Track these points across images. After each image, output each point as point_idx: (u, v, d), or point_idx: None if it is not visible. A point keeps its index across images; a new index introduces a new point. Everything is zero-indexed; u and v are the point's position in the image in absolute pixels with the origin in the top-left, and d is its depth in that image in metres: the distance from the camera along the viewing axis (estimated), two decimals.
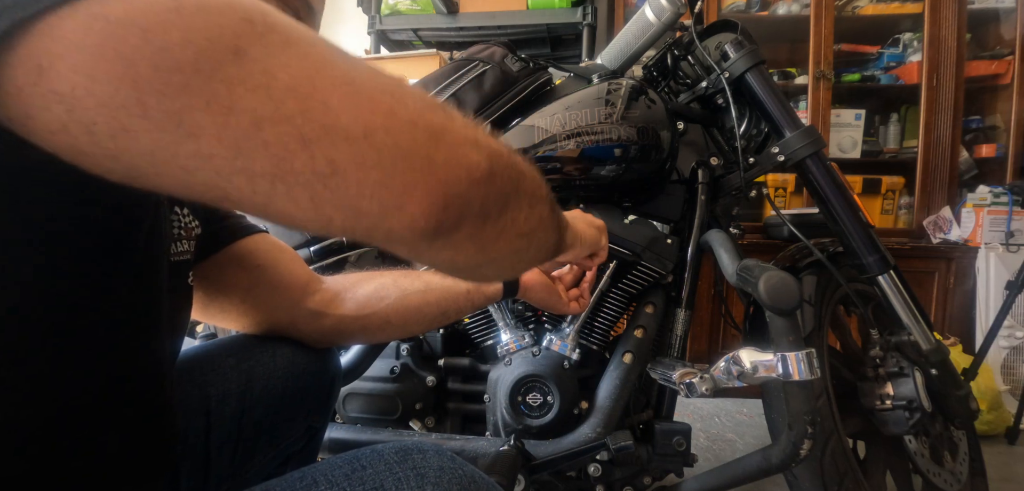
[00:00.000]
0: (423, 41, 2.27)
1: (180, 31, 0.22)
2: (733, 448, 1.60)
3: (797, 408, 0.80)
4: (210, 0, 0.24)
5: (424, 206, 0.28)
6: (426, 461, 0.40)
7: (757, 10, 2.11)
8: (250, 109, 0.24)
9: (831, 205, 0.97)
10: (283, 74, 0.24)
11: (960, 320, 1.91)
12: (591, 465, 0.93)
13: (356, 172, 0.26)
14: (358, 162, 0.26)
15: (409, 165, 0.27)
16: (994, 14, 2.06)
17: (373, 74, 0.28)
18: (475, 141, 0.30)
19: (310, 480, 0.39)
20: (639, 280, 0.99)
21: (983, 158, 2.07)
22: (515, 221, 0.35)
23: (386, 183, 0.27)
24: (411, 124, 0.27)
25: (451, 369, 1.05)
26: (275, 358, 0.63)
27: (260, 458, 0.62)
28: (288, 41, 0.25)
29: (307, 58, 0.26)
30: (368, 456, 0.40)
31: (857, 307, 1.05)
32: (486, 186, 0.31)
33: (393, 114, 0.27)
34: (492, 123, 0.96)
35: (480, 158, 0.30)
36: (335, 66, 0.26)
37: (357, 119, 0.26)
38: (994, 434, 1.66)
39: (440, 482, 0.38)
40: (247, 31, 0.24)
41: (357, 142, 0.26)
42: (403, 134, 0.27)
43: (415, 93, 0.29)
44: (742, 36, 1.00)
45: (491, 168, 0.31)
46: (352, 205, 0.26)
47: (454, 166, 0.29)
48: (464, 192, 0.29)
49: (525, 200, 0.36)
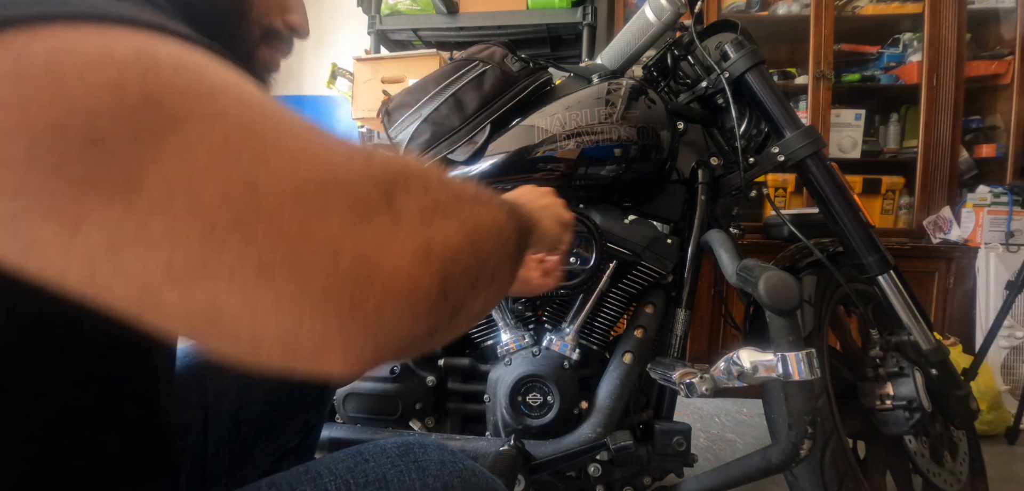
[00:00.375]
0: (423, 41, 2.27)
1: (14, 112, 0.17)
2: (733, 448, 1.60)
3: (797, 408, 0.80)
4: (64, 60, 0.17)
5: (346, 362, 0.21)
6: (427, 455, 0.41)
7: (757, 10, 2.11)
8: (103, 224, 0.17)
9: (831, 205, 0.97)
10: (153, 176, 0.18)
11: (960, 320, 1.91)
12: (591, 465, 0.93)
13: (248, 320, 0.19)
14: (249, 308, 0.19)
15: (322, 317, 0.20)
16: (994, 14, 2.06)
17: (293, 160, 0.20)
18: (426, 249, 0.23)
19: (314, 474, 0.40)
20: (639, 280, 0.99)
21: (983, 158, 2.07)
22: (477, 305, 0.28)
23: (290, 336, 0.20)
24: (332, 255, 0.20)
25: (451, 369, 1.05)
26: None
27: (258, 454, 0.62)
28: (173, 121, 0.18)
29: (194, 150, 0.18)
30: (371, 450, 0.41)
31: (857, 307, 1.05)
32: (439, 313, 0.24)
33: (305, 238, 0.19)
34: (492, 123, 0.96)
35: (431, 288, 0.23)
36: (235, 161, 0.19)
37: (249, 251, 0.19)
38: (994, 434, 1.66)
39: (440, 475, 0.39)
40: (110, 108, 0.18)
41: (246, 284, 0.19)
42: (318, 271, 0.20)
43: (351, 182, 0.21)
44: (742, 36, 1.00)
45: (445, 289, 0.23)
46: (246, 350, 0.20)
47: (392, 313, 0.21)
48: (406, 336, 0.23)
49: (491, 281, 0.29)
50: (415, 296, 0.22)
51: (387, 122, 1.03)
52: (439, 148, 0.98)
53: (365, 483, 0.39)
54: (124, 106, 0.18)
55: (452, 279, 0.24)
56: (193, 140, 0.18)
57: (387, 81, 1.95)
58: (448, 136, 0.97)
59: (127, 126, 0.18)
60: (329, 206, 0.20)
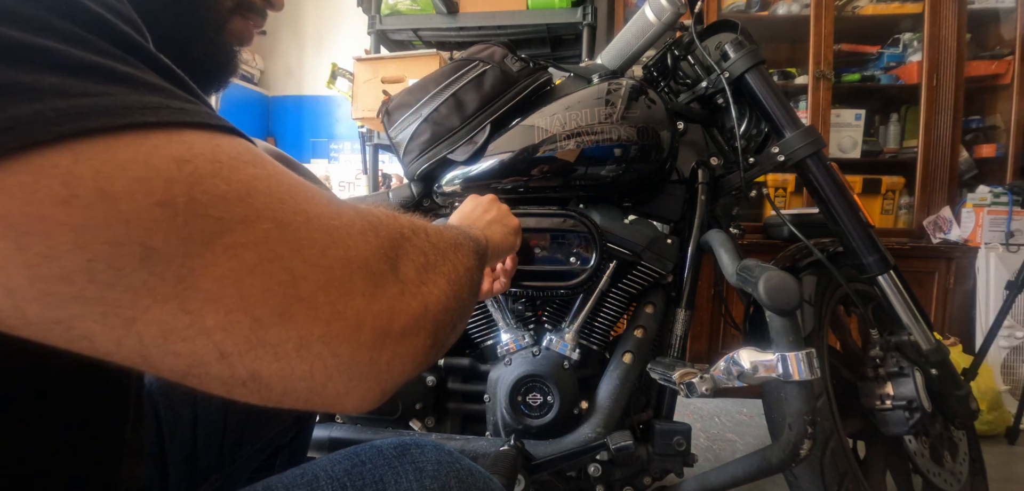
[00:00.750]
0: (423, 41, 2.27)
1: (69, 233, 0.18)
2: (733, 448, 1.60)
3: (797, 408, 0.80)
4: (114, 182, 0.19)
5: (359, 404, 0.26)
6: (425, 456, 0.40)
7: (757, 10, 2.11)
8: (158, 321, 0.20)
9: (831, 205, 0.97)
10: (205, 279, 0.20)
11: (960, 320, 1.91)
12: (591, 465, 0.93)
13: (281, 383, 0.23)
14: (286, 375, 0.23)
15: (346, 376, 0.24)
16: (994, 14, 2.06)
17: (324, 248, 0.24)
18: (423, 314, 0.28)
19: (311, 476, 0.39)
20: (639, 280, 0.99)
21: (983, 158, 2.07)
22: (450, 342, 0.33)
23: (317, 391, 0.24)
24: (355, 327, 0.24)
25: (451, 369, 1.05)
26: None
27: (247, 449, 0.63)
28: (220, 228, 0.21)
29: (240, 251, 0.21)
30: (367, 452, 0.41)
31: (857, 307, 1.05)
32: (430, 356, 0.29)
33: (336, 317, 0.23)
34: (492, 123, 0.96)
35: (424, 341, 0.28)
36: (276, 257, 0.22)
37: (290, 333, 0.22)
38: (994, 434, 1.66)
39: (438, 476, 0.39)
40: (163, 222, 0.19)
41: (288, 358, 0.22)
42: (344, 342, 0.24)
43: (368, 259, 0.25)
44: (742, 36, 1.00)
45: (435, 339, 0.29)
46: (275, 401, 0.24)
47: (398, 363, 0.26)
48: (405, 377, 0.27)
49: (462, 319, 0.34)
50: (416, 349, 0.27)
51: (387, 122, 1.03)
52: (439, 148, 0.98)
53: (362, 486, 0.39)
54: (175, 220, 0.19)
55: (441, 329, 0.30)
56: (237, 242, 0.21)
57: (387, 81, 1.95)
58: (448, 136, 0.97)
59: (179, 237, 0.20)
60: (353, 286, 0.24)
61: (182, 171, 0.20)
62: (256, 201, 0.22)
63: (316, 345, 0.23)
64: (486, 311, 1.02)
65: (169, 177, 0.20)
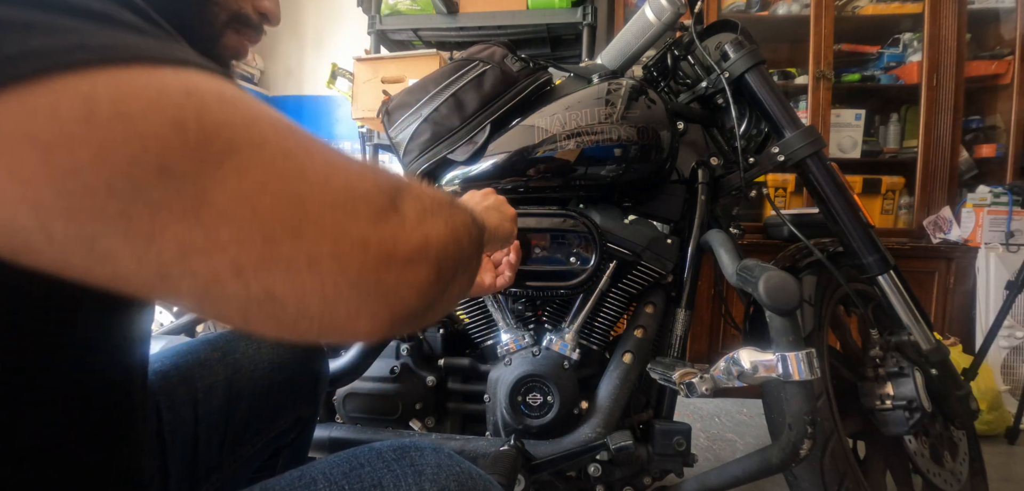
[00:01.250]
0: (423, 41, 2.27)
1: (90, 148, 0.19)
2: (733, 448, 1.60)
3: (797, 408, 0.80)
4: (130, 103, 0.20)
5: (369, 329, 0.27)
6: (424, 458, 0.40)
7: (757, 10, 2.11)
8: (176, 237, 0.21)
9: (831, 205, 0.97)
10: (218, 195, 0.21)
11: (960, 320, 1.91)
12: (591, 465, 0.93)
13: (296, 301, 0.24)
14: (299, 291, 0.24)
15: (356, 294, 0.25)
16: (994, 14, 2.06)
17: (326, 175, 0.25)
18: (425, 248, 0.29)
19: (309, 479, 0.39)
20: (639, 280, 0.99)
21: (983, 158, 2.07)
22: (454, 291, 0.35)
23: (329, 310, 0.25)
24: (362, 247, 0.26)
25: (451, 369, 1.05)
26: (260, 350, 0.65)
27: (248, 449, 0.63)
28: (228, 150, 0.22)
29: (248, 171, 0.22)
30: (366, 454, 0.41)
31: (857, 307, 1.05)
32: (435, 290, 0.30)
33: (342, 235, 0.25)
34: (492, 123, 0.96)
35: (429, 272, 0.29)
36: (282, 178, 0.24)
37: (301, 248, 0.23)
38: (994, 434, 1.66)
39: (437, 479, 0.39)
40: (176, 143, 0.21)
41: (299, 272, 0.24)
42: (352, 260, 0.25)
43: (371, 189, 0.27)
44: (742, 36, 1.00)
45: (438, 273, 0.30)
46: (288, 325, 0.25)
47: (405, 288, 0.28)
48: (413, 307, 0.28)
49: (464, 271, 0.35)
50: (421, 278, 0.28)
51: (387, 122, 1.03)
52: (439, 148, 0.98)
53: (360, 489, 0.38)
54: (187, 140, 0.21)
55: (444, 265, 0.30)
56: (246, 163, 0.22)
57: (387, 81, 1.95)
58: (448, 136, 0.97)
59: (192, 156, 0.21)
60: (356, 211, 0.26)
61: (190, 99, 0.22)
62: (261, 128, 0.24)
63: (325, 261, 0.24)
64: (486, 311, 1.02)
65: (179, 103, 0.21)
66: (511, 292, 0.98)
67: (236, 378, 0.61)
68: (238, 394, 0.61)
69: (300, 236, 0.23)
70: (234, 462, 0.61)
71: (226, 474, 0.60)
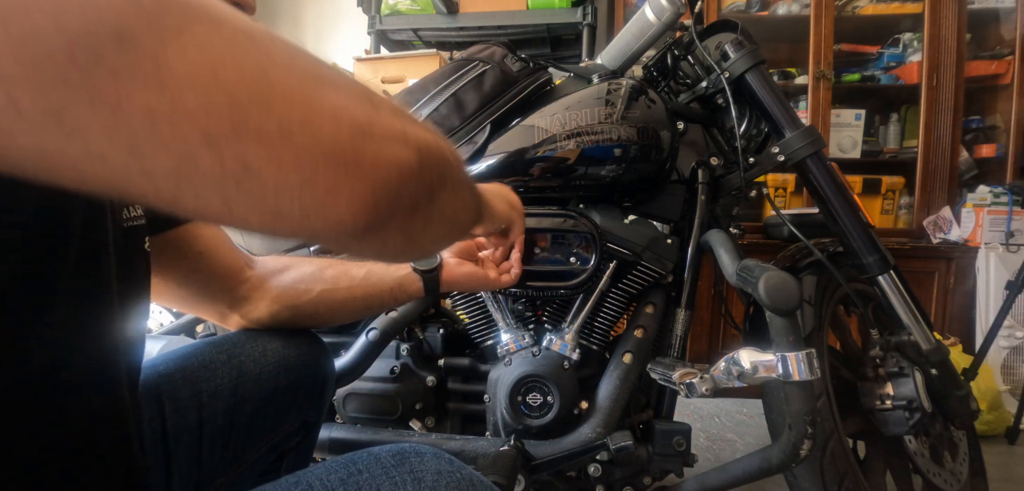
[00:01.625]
0: (423, 41, 2.27)
1: (47, 15, 0.19)
2: (733, 448, 1.60)
3: (797, 408, 0.80)
4: None
5: (351, 207, 0.26)
6: (423, 464, 0.39)
7: (757, 10, 2.11)
8: (142, 104, 0.21)
9: (831, 205, 0.97)
10: (179, 64, 0.21)
11: (960, 320, 1.91)
12: (591, 465, 0.93)
13: (273, 174, 0.24)
14: (275, 162, 0.23)
15: (332, 165, 0.25)
16: (994, 14, 2.06)
17: (291, 59, 0.25)
18: (404, 135, 0.29)
19: (305, 485, 0.39)
20: (639, 280, 0.99)
21: (983, 158, 2.07)
22: (441, 209, 0.35)
23: (307, 184, 0.25)
24: (334, 119, 0.25)
25: (451, 369, 1.05)
26: (265, 353, 0.64)
27: (253, 453, 0.62)
28: (186, 22, 0.22)
29: (209, 44, 0.22)
30: (365, 459, 0.40)
31: (857, 307, 1.05)
32: (415, 181, 0.30)
33: (313, 107, 0.25)
34: (492, 123, 0.96)
35: (409, 154, 0.29)
36: (244, 53, 0.23)
37: (270, 116, 0.23)
38: (994, 434, 1.66)
39: (437, 486, 0.38)
40: (132, 11, 0.20)
41: (272, 142, 0.23)
42: (325, 130, 0.25)
43: (339, 80, 0.27)
44: (742, 36, 1.00)
45: (420, 162, 0.30)
46: (270, 207, 0.24)
47: (382, 165, 0.27)
48: (393, 190, 0.28)
49: (450, 188, 0.35)
50: (400, 160, 0.28)
51: None
52: None
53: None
54: (143, 9, 0.21)
55: (426, 161, 0.30)
56: (206, 35, 0.22)
57: (387, 81, 1.95)
58: (448, 136, 0.97)
59: (149, 25, 0.21)
60: (325, 90, 0.25)
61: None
62: (220, 11, 0.23)
63: (297, 128, 0.24)
64: (486, 311, 1.02)
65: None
66: (511, 292, 0.98)
67: (241, 381, 0.61)
68: (243, 397, 0.61)
69: (269, 106, 0.23)
70: (239, 466, 0.61)
71: (231, 478, 0.60)
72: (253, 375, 0.62)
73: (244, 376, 0.61)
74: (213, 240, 0.63)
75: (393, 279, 0.76)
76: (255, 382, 0.62)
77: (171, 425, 0.55)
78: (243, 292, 0.67)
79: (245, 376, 0.61)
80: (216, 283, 0.64)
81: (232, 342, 0.64)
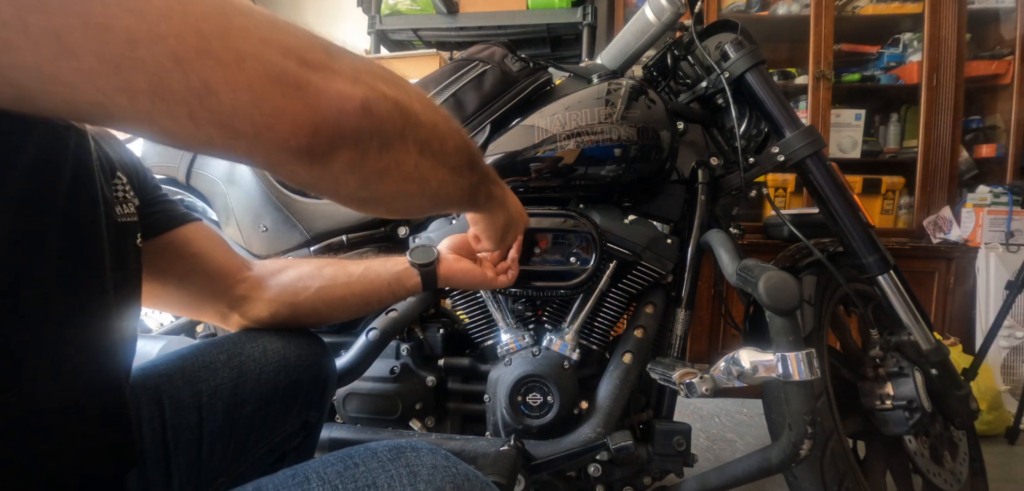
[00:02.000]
0: (423, 41, 2.27)
1: None
2: (733, 448, 1.60)
3: (797, 408, 0.80)
4: None
5: (293, 129, 0.30)
6: (420, 459, 0.40)
7: (757, 10, 2.11)
8: (125, 28, 0.25)
9: (831, 205, 0.97)
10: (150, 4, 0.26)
11: (960, 320, 1.91)
12: (591, 465, 0.93)
13: (229, 94, 0.28)
14: (230, 85, 0.28)
15: (279, 90, 0.29)
16: (994, 14, 2.06)
17: (250, 8, 0.29)
18: (355, 77, 0.32)
19: (302, 477, 0.39)
20: (639, 280, 0.99)
21: (983, 158, 2.07)
22: (401, 164, 0.37)
23: (257, 105, 0.29)
24: (283, 53, 0.30)
25: (451, 369, 1.05)
26: (266, 353, 0.64)
27: (253, 452, 0.62)
28: None
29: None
30: (361, 454, 0.40)
31: (857, 307, 1.05)
32: (360, 119, 0.33)
33: (266, 43, 0.29)
34: (492, 123, 0.96)
35: (355, 91, 0.32)
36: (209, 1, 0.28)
37: (228, 45, 0.28)
38: (994, 434, 1.66)
39: (433, 480, 0.38)
40: None
41: (229, 66, 0.28)
42: (274, 62, 0.29)
43: (295, 30, 0.31)
44: (742, 36, 1.00)
45: (366, 103, 0.33)
46: (227, 124, 0.28)
47: (324, 95, 0.31)
48: (334, 121, 0.31)
49: (415, 148, 0.37)
50: (343, 94, 0.32)
51: None
52: None
53: (355, 489, 0.38)
54: None
55: (376, 106, 0.33)
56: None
57: None
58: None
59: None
60: (278, 32, 0.30)
61: None
62: None
63: (250, 60, 0.28)
64: (486, 311, 1.02)
65: None
66: (511, 292, 0.98)
67: (241, 381, 0.61)
68: (244, 397, 0.61)
69: (227, 36, 0.28)
70: (239, 466, 0.61)
71: (231, 478, 0.60)
72: (253, 375, 0.62)
73: (244, 376, 0.61)
74: (208, 241, 0.64)
75: (390, 274, 0.76)
76: (255, 382, 0.62)
77: (171, 425, 0.55)
78: (242, 292, 0.67)
79: (245, 376, 0.61)
80: (215, 284, 0.64)
81: (232, 342, 0.64)
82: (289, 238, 1.04)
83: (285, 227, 1.05)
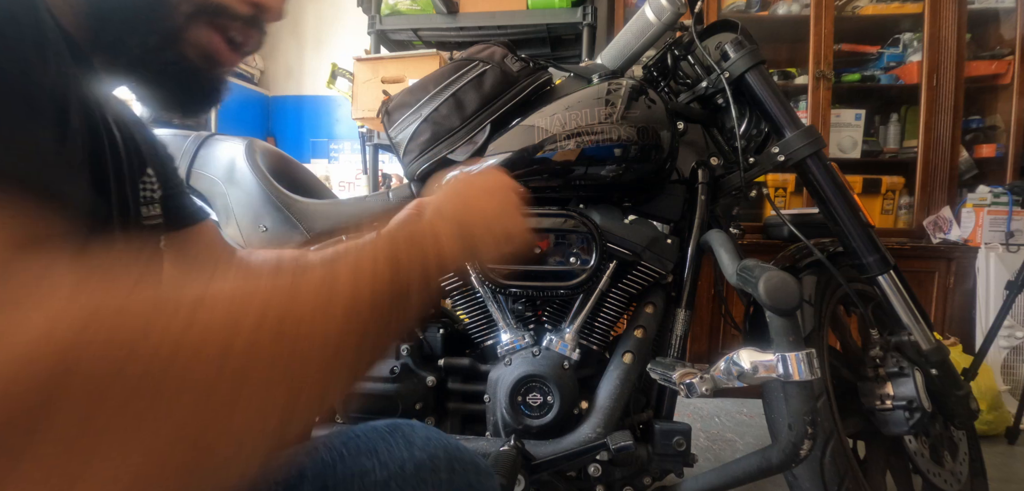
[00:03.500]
0: (423, 41, 2.27)
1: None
2: (733, 448, 1.60)
3: (797, 408, 0.80)
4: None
5: None
6: (414, 432, 0.45)
7: (757, 10, 2.11)
8: (55, 469, 0.19)
9: (831, 205, 0.97)
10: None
11: (960, 320, 1.91)
12: (591, 465, 0.93)
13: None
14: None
15: None
16: (994, 14, 2.06)
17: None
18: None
19: (310, 446, 0.44)
20: (639, 280, 0.99)
21: (983, 158, 2.07)
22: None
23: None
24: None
25: (451, 369, 1.05)
26: None
27: None
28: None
29: None
30: (362, 428, 0.46)
31: (857, 307, 1.05)
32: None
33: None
34: (492, 123, 0.96)
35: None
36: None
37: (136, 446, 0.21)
38: (994, 434, 1.66)
39: (426, 448, 0.44)
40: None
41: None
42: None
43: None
44: (742, 36, 1.00)
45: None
46: None
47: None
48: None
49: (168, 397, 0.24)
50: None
51: (387, 122, 1.03)
52: (439, 148, 0.98)
53: (357, 453, 0.43)
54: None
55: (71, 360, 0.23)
56: None
57: (387, 81, 1.95)
58: (448, 136, 0.97)
59: None
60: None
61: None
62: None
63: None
64: (486, 311, 1.02)
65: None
66: (511, 292, 0.98)
67: None
68: None
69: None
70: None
71: None
72: None
73: None
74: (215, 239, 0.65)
75: None
76: None
77: None
78: None
79: None
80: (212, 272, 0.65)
81: None
82: (289, 238, 1.04)
83: (285, 227, 1.05)
